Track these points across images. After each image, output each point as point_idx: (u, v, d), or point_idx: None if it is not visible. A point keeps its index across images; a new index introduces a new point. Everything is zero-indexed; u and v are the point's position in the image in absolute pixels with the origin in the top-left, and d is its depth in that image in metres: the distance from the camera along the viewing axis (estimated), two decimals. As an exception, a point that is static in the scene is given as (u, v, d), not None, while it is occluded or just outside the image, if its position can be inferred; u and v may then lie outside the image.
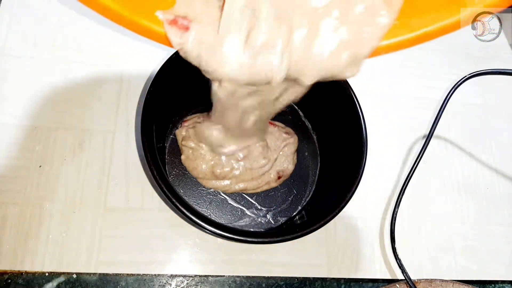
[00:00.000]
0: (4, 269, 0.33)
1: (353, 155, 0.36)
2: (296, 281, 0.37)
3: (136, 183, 0.38)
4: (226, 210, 0.39)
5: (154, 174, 0.31)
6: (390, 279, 0.39)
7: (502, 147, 0.48)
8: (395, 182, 0.43)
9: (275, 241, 0.33)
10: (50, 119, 0.38)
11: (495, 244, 0.43)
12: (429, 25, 0.24)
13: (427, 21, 0.24)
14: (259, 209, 0.39)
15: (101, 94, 0.40)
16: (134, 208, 0.37)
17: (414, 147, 0.45)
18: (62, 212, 0.35)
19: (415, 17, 0.24)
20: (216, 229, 0.31)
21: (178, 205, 0.31)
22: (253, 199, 0.40)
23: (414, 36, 0.24)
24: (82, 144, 0.38)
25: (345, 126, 0.38)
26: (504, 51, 0.53)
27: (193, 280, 0.36)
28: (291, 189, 0.41)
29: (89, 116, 0.39)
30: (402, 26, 0.24)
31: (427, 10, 0.24)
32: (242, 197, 0.39)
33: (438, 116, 0.42)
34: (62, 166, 0.37)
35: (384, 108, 0.47)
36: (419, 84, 0.49)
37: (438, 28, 0.24)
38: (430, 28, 0.24)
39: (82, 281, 0.34)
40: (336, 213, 0.33)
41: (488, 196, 0.45)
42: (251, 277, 0.37)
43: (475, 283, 0.40)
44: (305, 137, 0.43)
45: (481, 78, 0.41)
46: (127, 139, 0.39)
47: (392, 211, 0.40)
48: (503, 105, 0.50)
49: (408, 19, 0.24)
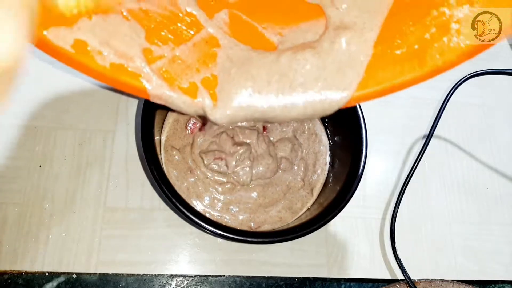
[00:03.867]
0: (4, 269, 0.33)
1: (353, 155, 0.36)
2: (296, 281, 0.37)
3: (136, 183, 0.38)
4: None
5: (154, 174, 0.31)
6: (390, 279, 0.39)
7: (502, 147, 0.48)
8: (395, 182, 0.43)
9: (275, 241, 0.33)
10: (50, 119, 0.38)
11: (495, 244, 0.43)
12: (394, 79, 0.25)
13: (392, 75, 0.25)
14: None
15: (101, 94, 0.40)
16: (134, 208, 0.37)
17: (414, 147, 0.45)
18: (62, 212, 0.35)
19: (381, 70, 0.25)
20: (216, 229, 0.31)
21: (178, 205, 0.31)
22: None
23: (380, 89, 0.25)
24: (82, 144, 0.38)
25: (345, 126, 0.38)
26: (504, 51, 0.53)
27: (193, 280, 0.36)
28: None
29: (89, 116, 0.39)
30: (369, 79, 0.25)
31: (392, 64, 0.25)
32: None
33: (438, 116, 0.42)
34: (62, 166, 0.37)
35: (384, 108, 0.47)
36: (419, 84, 0.49)
37: (402, 82, 0.25)
38: (395, 82, 0.25)
39: (82, 281, 0.34)
40: (336, 213, 0.33)
41: (488, 196, 0.45)
42: (251, 277, 0.37)
43: (475, 283, 0.40)
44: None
45: (481, 78, 0.41)
46: (127, 139, 0.39)
47: (392, 211, 0.40)
48: (503, 105, 0.50)
49: (375, 73, 0.25)
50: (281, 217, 0.38)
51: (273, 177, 0.39)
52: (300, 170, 0.40)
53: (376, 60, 0.25)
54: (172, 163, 0.37)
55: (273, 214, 0.38)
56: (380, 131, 0.45)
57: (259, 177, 0.38)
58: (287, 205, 0.38)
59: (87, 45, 0.22)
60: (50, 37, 0.20)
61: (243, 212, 0.37)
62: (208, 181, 0.37)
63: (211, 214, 0.37)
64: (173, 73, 0.25)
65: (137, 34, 0.24)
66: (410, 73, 0.24)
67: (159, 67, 0.24)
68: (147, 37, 0.24)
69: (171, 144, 0.38)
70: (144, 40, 0.24)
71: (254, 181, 0.38)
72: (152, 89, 0.24)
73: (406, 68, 0.24)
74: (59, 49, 0.21)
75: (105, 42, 0.22)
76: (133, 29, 0.23)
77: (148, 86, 0.23)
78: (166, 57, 0.25)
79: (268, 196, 0.38)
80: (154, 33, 0.25)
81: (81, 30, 0.21)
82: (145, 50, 0.24)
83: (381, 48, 0.25)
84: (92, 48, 0.22)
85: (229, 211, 0.37)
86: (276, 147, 0.40)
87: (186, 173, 0.37)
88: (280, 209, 0.38)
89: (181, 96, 0.24)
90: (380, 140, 0.44)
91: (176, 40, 0.25)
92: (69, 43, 0.21)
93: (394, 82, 0.25)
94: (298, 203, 0.39)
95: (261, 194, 0.38)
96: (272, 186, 0.39)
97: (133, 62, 0.23)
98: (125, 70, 0.23)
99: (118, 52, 0.23)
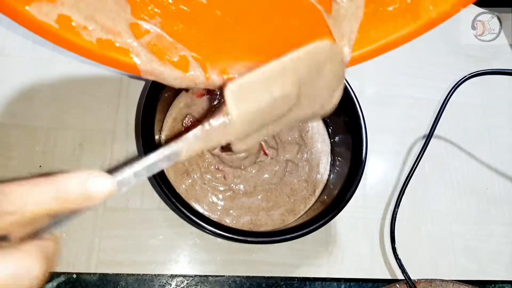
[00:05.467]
0: (4, 269, 0.33)
1: (353, 155, 0.36)
2: (296, 281, 0.37)
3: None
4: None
5: (154, 174, 0.31)
6: (390, 279, 0.39)
7: (502, 147, 0.48)
8: (395, 182, 0.43)
9: (275, 241, 0.33)
10: (50, 119, 0.38)
11: (495, 244, 0.43)
12: (388, 36, 0.25)
13: (386, 32, 0.25)
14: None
15: (101, 94, 0.40)
16: (134, 208, 0.37)
17: (414, 147, 0.45)
18: (62, 212, 0.35)
19: (374, 29, 0.25)
20: (216, 229, 0.31)
21: (178, 205, 0.31)
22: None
23: (375, 48, 0.25)
24: (82, 144, 0.38)
25: (345, 126, 0.38)
26: (504, 51, 0.53)
27: (193, 280, 0.36)
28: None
29: (89, 116, 0.39)
30: (362, 39, 0.25)
31: (385, 21, 0.25)
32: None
33: (438, 116, 0.42)
34: (62, 166, 0.37)
35: (384, 108, 0.47)
36: (419, 84, 0.49)
37: (397, 38, 0.24)
38: (389, 39, 0.25)
39: (82, 281, 0.34)
40: (336, 213, 0.33)
41: (488, 196, 0.45)
42: (251, 277, 0.37)
43: (475, 283, 0.40)
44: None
45: (481, 78, 0.41)
46: (127, 139, 0.39)
47: (392, 211, 0.40)
48: (503, 105, 0.50)
49: (368, 32, 0.25)
50: (283, 219, 0.38)
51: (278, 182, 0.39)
52: (305, 171, 0.40)
53: (369, 18, 0.24)
54: None
55: (275, 218, 0.38)
56: (380, 131, 0.45)
57: (264, 183, 0.38)
58: (290, 207, 0.38)
59: (71, 21, 0.21)
60: (32, 12, 0.20)
61: (244, 216, 0.37)
62: (206, 187, 0.37)
63: (211, 217, 0.36)
64: (162, 47, 0.24)
65: (123, 8, 0.23)
66: (404, 28, 0.24)
67: (147, 41, 0.24)
68: (133, 12, 0.24)
69: (169, 143, 0.38)
70: (130, 15, 0.23)
71: (258, 186, 0.38)
72: (142, 64, 0.23)
73: (400, 24, 0.24)
74: (43, 25, 0.21)
75: (90, 17, 0.22)
76: (118, 3, 0.23)
77: (138, 61, 0.23)
78: (154, 31, 0.24)
79: (271, 200, 0.38)
80: (141, 8, 0.24)
81: (65, 5, 0.21)
82: (132, 25, 0.23)
83: (374, 6, 0.24)
84: (77, 24, 0.21)
85: (229, 215, 0.37)
86: (284, 149, 0.40)
87: (183, 175, 0.37)
88: (283, 212, 0.38)
89: (172, 70, 0.24)
90: (380, 140, 0.44)
91: (163, 14, 0.25)
92: (53, 18, 0.21)
93: (389, 39, 0.24)
94: (301, 205, 0.39)
95: (265, 198, 0.38)
96: (276, 190, 0.39)
97: (120, 37, 0.23)
98: (113, 46, 0.23)
99: (105, 27, 0.22)
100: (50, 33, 0.21)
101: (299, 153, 0.40)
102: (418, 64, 0.50)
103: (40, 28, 0.21)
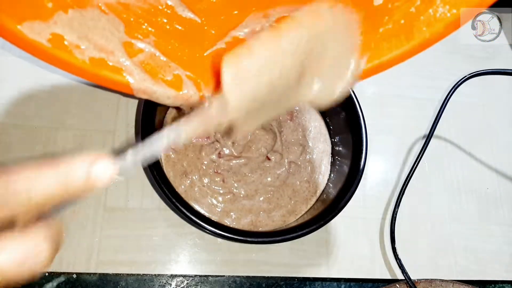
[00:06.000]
0: (4, 269, 0.33)
1: (353, 155, 0.36)
2: (296, 281, 0.37)
3: (136, 183, 0.38)
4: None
5: (154, 174, 0.31)
6: (390, 279, 0.39)
7: (502, 147, 0.48)
8: (395, 182, 0.43)
9: (275, 241, 0.33)
10: (50, 119, 0.38)
11: (495, 244, 0.43)
12: (381, 56, 0.25)
13: (380, 52, 0.25)
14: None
15: (101, 94, 0.40)
16: (134, 208, 0.37)
17: (414, 147, 0.45)
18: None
19: (368, 50, 0.25)
20: (216, 229, 0.31)
21: (178, 205, 0.31)
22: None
23: (370, 68, 0.25)
24: (82, 144, 0.38)
25: (346, 126, 0.38)
26: (504, 51, 0.53)
27: (193, 280, 0.36)
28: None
29: (89, 116, 0.39)
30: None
31: (378, 41, 0.25)
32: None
33: (438, 116, 0.42)
34: (62, 166, 0.37)
35: (384, 108, 0.47)
36: (419, 84, 0.49)
37: (391, 58, 0.25)
38: (384, 59, 0.25)
39: (82, 281, 0.34)
40: (336, 213, 0.33)
41: (488, 196, 0.45)
42: (251, 277, 0.37)
43: (475, 283, 0.40)
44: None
45: (481, 78, 0.41)
46: (127, 139, 0.39)
47: (392, 211, 0.40)
48: (503, 105, 0.50)
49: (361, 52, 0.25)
50: (284, 220, 0.38)
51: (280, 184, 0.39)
52: (307, 172, 0.40)
53: (363, 39, 0.24)
54: (169, 163, 0.37)
55: (276, 219, 0.38)
56: (380, 131, 0.45)
57: (266, 186, 0.38)
58: (291, 208, 0.38)
59: (64, 40, 0.21)
60: (25, 31, 0.20)
61: (244, 218, 0.37)
62: (205, 189, 0.37)
63: (211, 218, 0.36)
64: (155, 65, 0.24)
65: (116, 27, 0.23)
66: (398, 48, 0.24)
67: (141, 60, 0.24)
68: (127, 31, 0.24)
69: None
70: (124, 34, 0.23)
71: (260, 190, 0.38)
72: (135, 82, 0.23)
73: (393, 44, 0.24)
74: (35, 44, 0.20)
75: (83, 36, 0.22)
76: (111, 22, 0.23)
77: (131, 80, 0.23)
78: (148, 50, 0.24)
79: (273, 202, 0.38)
80: (134, 27, 0.24)
81: (58, 24, 0.21)
82: (125, 43, 0.23)
83: (367, 25, 0.25)
84: (70, 42, 0.21)
85: (229, 216, 0.37)
86: (288, 150, 0.40)
87: (181, 176, 0.37)
88: (284, 213, 0.38)
89: (166, 89, 0.24)
90: (380, 140, 0.44)
91: (157, 33, 0.25)
92: (45, 37, 0.21)
93: (382, 59, 0.24)
94: (302, 206, 0.39)
95: (266, 200, 0.38)
96: (278, 192, 0.38)
97: (113, 56, 0.23)
98: (106, 64, 0.22)
99: (97, 46, 0.22)
100: (42, 52, 0.21)
101: (302, 154, 0.40)
102: (418, 64, 0.50)
103: (32, 47, 0.21)
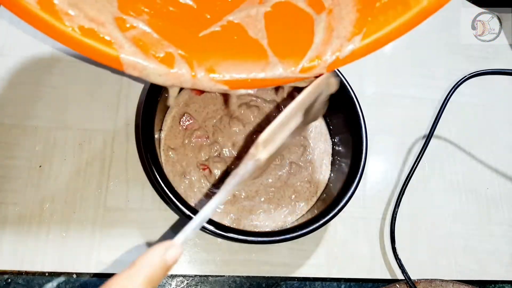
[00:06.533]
0: (4, 269, 0.33)
1: (353, 155, 0.36)
2: (296, 281, 0.37)
3: (136, 183, 0.38)
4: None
5: (154, 174, 0.31)
6: (390, 279, 0.39)
7: (502, 147, 0.48)
8: (395, 182, 0.43)
9: (275, 241, 0.33)
10: (50, 119, 0.38)
11: (495, 244, 0.43)
12: (379, 30, 0.24)
13: (378, 26, 0.24)
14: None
15: (101, 94, 0.40)
16: (134, 208, 0.37)
17: (414, 147, 0.45)
18: (62, 212, 0.35)
19: (365, 25, 0.25)
20: (216, 229, 0.31)
21: (179, 205, 0.31)
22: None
23: (368, 43, 0.25)
24: (82, 144, 0.38)
25: (346, 126, 0.38)
26: (504, 51, 0.53)
27: (193, 280, 0.36)
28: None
29: (89, 116, 0.39)
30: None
31: (375, 15, 0.24)
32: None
33: (438, 116, 0.42)
34: (62, 166, 0.37)
35: (384, 108, 0.47)
36: (419, 84, 0.49)
37: (390, 31, 0.24)
38: (382, 32, 0.24)
39: (82, 281, 0.34)
40: (336, 213, 0.33)
41: (488, 196, 0.45)
42: (251, 277, 0.37)
43: (475, 283, 0.40)
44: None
45: (481, 78, 0.41)
46: (127, 139, 0.39)
47: (392, 211, 0.40)
48: (503, 105, 0.50)
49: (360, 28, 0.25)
50: (285, 220, 0.38)
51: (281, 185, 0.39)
52: (308, 172, 0.40)
53: (361, 15, 0.24)
54: (169, 163, 0.37)
55: (277, 219, 0.38)
56: (380, 131, 0.45)
57: (267, 187, 0.38)
58: (292, 209, 0.38)
59: (54, 4, 0.21)
60: None
61: (244, 218, 0.37)
62: (204, 190, 0.37)
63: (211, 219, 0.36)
64: (147, 42, 0.23)
65: (109, 2, 0.22)
66: (395, 20, 0.24)
67: (132, 35, 0.23)
68: (120, 7, 0.23)
69: (168, 143, 0.38)
70: (117, 9, 0.23)
71: (261, 191, 0.38)
72: (125, 56, 0.22)
73: (390, 16, 0.24)
74: (23, 5, 0.20)
75: (74, 4, 0.21)
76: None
77: (121, 53, 0.22)
78: (141, 27, 0.23)
79: (274, 203, 0.38)
80: (128, 4, 0.23)
81: None
82: (117, 18, 0.22)
83: (363, 4, 0.24)
84: (60, 8, 0.21)
85: (230, 217, 0.37)
86: (289, 151, 0.40)
87: (180, 176, 0.37)
88: (286, 214, 0.38)
89: (157, 65, 0.23)
90: (380, 140, 0.44)
91: (151, 13, 0.24)
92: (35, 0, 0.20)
93: (380, 33, 0.24)
94: (303, 206, 0.39)
95: (267, 201, 0.38)
96: (279, 193, 0.38)
97: (104, 27, 0.22)
98: (96, 35, 0.22)
99: (88, 16, 0.21)
100: (31, 15, 0.20)
101: (303, 155, 0.40)
102: (418, 64, 0.50)
103: (20, 8, 0.20)
